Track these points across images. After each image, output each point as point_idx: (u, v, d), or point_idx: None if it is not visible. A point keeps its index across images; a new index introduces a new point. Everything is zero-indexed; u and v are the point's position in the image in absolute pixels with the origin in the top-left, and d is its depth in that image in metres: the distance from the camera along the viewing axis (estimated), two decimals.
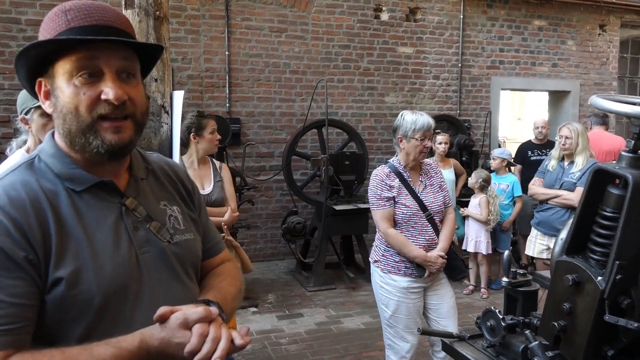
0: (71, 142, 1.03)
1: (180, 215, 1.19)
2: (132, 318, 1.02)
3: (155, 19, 2.19)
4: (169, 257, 1.11)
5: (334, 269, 5.77)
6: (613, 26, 7.92)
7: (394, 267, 2.82)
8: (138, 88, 1.06)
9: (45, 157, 1.05)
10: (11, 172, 1.03)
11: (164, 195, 1.19)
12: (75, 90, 0.99)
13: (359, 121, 6.64)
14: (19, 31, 5.27)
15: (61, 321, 0.97)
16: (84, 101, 0.98)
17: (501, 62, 7.34)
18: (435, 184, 2.91)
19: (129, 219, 1.07)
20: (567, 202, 3.91)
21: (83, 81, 0.99)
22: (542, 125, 5.87)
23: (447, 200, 2.95)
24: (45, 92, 1.04)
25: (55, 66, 1.01)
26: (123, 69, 1.02)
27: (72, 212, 1.00)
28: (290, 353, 3.88)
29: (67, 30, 0.98)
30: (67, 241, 0.98)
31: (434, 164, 3.05)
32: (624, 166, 1.21)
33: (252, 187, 5.43)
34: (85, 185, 1.03)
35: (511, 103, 11.69)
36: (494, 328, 1.52)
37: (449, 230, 2.89)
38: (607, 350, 1.23)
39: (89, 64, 0.99)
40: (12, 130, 5.18)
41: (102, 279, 0.99)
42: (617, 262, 1.14)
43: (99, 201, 1.05)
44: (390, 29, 6.73)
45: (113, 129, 1.01)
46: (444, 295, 2.90)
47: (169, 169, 1.26)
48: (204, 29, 5.94)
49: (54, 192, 1.01)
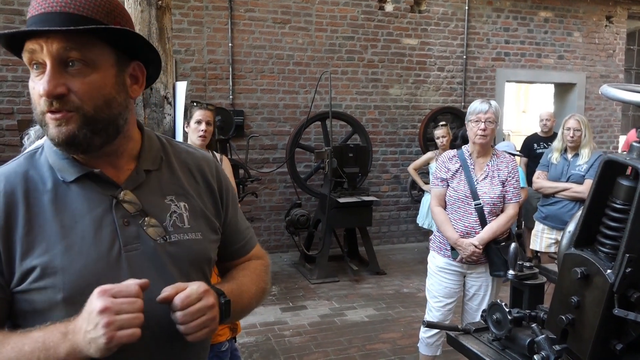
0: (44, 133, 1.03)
1: (187, 212, 1.10)
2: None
3: (157, 9, 2.17)
4: (161, 256, 1.02)
5: (338, 261, 5.77)
6: (620, 18, 7.84)
7: (437, 246, 3.04)
8: (89, 79, 0.95)
9: (46, 148, 1.04)
10: (11, 162, 1.04)
11: (173, 189, 1.11)
12: (31, 83, 0.97)
13: (363, 113, 6.61)
14: (22, 23, 5.24)
15: (33, 313, 0.96)
16: (34, 95, 0.96)
17: (506, 53, 7.28)
18: (500, 176, 2.89)
19: (119, 213, 1.01)
20: (577, 195, 3.88)
21: (36, 73, 0.95)
22: (547, 118, 5.83)
23: (512, 195, 2.90)
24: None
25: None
26: (65, 57, 0.93)
27: (53, 204, 0.98)
28: (294, 345, 3.88)
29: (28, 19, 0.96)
30: (38, 233, 0.96)
31: (512, 160, 2.98)
32: (635, 157, 1.18)
33: (256, 180, 5.42)
34: (74, 175, 1.00)
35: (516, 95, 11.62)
36: (500, 321, 1.51)
37: (497, 224, 2.86)
38: (615, 344, 1.21)
39: (34, 56, 0.94)
40: (16, 122, 5.17)
41: (70, 274, 0.94)
42: (627, 255, 1.12)
43: (87, 192, 1.00)
44: (394, 20, 6.68)
45: (54, 123, 0.95)
46: (480, 287, 2.97)
47: (192, 162, 1.17)
48: (207, 20, 5.91)
49: (39, 183, 1.00)
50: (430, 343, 3.08)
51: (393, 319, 4.39)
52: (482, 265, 2.92)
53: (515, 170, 2.93)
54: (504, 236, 2.93)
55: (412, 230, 6.89)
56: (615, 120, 8.08)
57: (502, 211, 2.91)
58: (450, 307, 3.04)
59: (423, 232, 6.63)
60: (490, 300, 2.95)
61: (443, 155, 3.07)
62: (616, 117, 8.08)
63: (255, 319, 4.28)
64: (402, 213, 6.95)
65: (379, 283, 5.31)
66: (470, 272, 2.97)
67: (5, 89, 5.28)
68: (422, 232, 6.68)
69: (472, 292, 3.00)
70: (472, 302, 3.01)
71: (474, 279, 2.98)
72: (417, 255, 6.29)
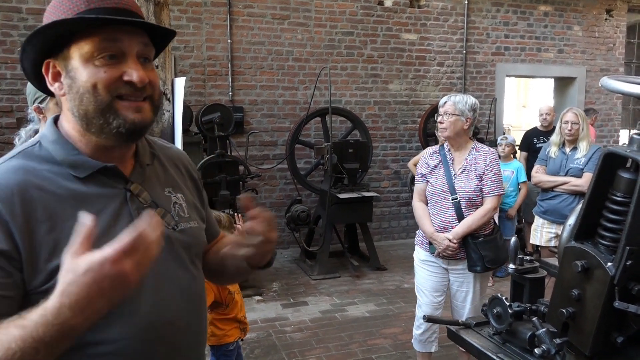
0: (87, 124, 1.00)
1: (184, 202, 1.17)
2: (136, 305, 0.99)
3: (156, 5, 2.16)
4: (174, 244, 1.09)
5: (338, 257, 5.77)
6: (620, 11, 7.81)
7: (420, 240, 3.08)
8: (154, 72, 1.07)
9: (46, 144, 1.03)
10: (9, 159, 1.01)
11: (169, 182, 1.17)
12: (95, 69, 0.97)
13: (362, 109, 6.60)
14: (20, 20, 5.23)
15: None
16: (104, 79, 0.96)
17: (506, 48, 7.26)
18: (477, 170, 2.86)
19: (134, 205, 1.04)
20: (577, 189, 3.87)
21: (104, 62, 0.97)
22: (547, 112, 5.82)
23: (489, 189, 2.85)
24: (54, 74, 1.02)
25: (71, 47, 0.98)
26: (142, 53, 1.01)
27: (72, 200, 0.98)
28: (295, 341, 3.88)
29: (88, 11, 0.96)
30: (62, 229, 0.95)
31: (491, 153, 2.91)
32: (635, 149, 1.18)
33: (256, 176, 5.42)
34: (88, 171, 1.01)
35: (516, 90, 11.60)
36: (501, 315, 1.51)
37: (472, 218, 2.84)
38: (616, 337, 1.21)
39: (112, 46, 0.97)
40: (15, 120, 5.17)
41: None
42: (627, 247, 1.12)
43: (102, 187, 1.02)
44: (394, 15, 6.66)
45: (134, 108, 1.00)
46: (462, 283, 2.94)
47: (174, 156, 1.25)
48: (206, 16, 5.89)
49: (51, 179, 0.99)
50: (423, 340, 3.06)
51: (394, 315, 4.39)
52: (463, 262, 2.89)
53: (494, 163, 2.87)
54: (485, 231, 2.89)
55: (413, 225, 6.88)
56: (616, 114, 8.06)
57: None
58: (438, 301, 3.00)
59: None
60: (475, 298, 2.94)
61: (425, 151, 3.11)
62: (616, 111, 8.06)
63: (256, 315, 4.29)
64: (403, 209, 6.95)
65: (379, 279, 5.31)
66: (452, 267, 2.94)
67: (5, 87, 5.27)
68: None
69: (455, 288, 2.96)
70: (457, 299, 2.98)
71: (456, 275, 2.94)
72: None
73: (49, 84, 1.03)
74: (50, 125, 1.06)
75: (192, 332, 1.10)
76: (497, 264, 2.88)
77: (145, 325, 1.01)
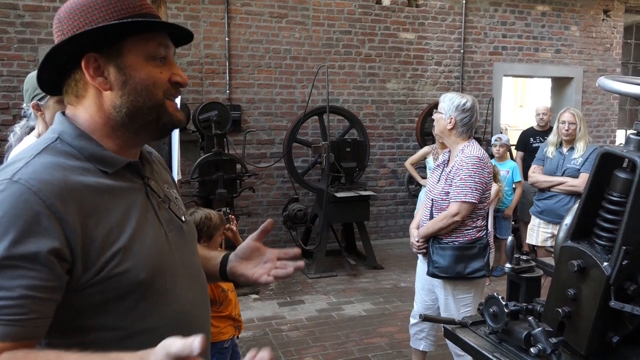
0: (132, 119, 1.04)
1: (179, 197, 1.25)
2: (172, 293, 1.07)
3: (153, 2, 2.15)
4: (186, 234, 1.17)
5: (335, 256, 5.77)
6: (617, 11, 7.83)
7: None
8: None
9: (70, 140, 1.02)
10: (36, 156, 0.97)
11: (163, 178, 1.22)
12: (156, 69, 1.05)
13: (360, 108, 6.60)
14: (17, 17, 5.21)
15: (104, 302, 0.97)
16: (161, 81, 1.05)
17: (504, 48, 7.27)
18: (450, 172, 2.75)
19: (154, 200, 1.10)
20: (573, 189, 3.88)
21: (158, 63, 1.06)
22: (543, 112, 5.83)
23: (454, 194, 2.68)
24: (94, 68, 1.02)
25: (124, 45, 1.02)
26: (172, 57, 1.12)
27: (107, 194, 1.00)
28: (292, 339, 3.88)
29: (140, 15, 1.04)
30: (106, 222, 0.97)
31: (467, 159, 2.70)
32: (632, 149, 1.18)
33: (253, 175, 5.41)
34: (117, 167, 1.04)
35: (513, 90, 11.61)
36: (497, 314, 1.51)
37: (431, 221, 2.78)
38: (612, 336, 1.21)
39: (164, 50, 1.07)
40: (12, 117, 5.15)
41: (144, 255, 1.01)
42: (623, 247, 1.12)
43: (127, 182, 1.06)
44: (391, 14, 6.66)
45: (176, 107, 1.10)
46: (435, 287, 2.88)
47: (156, 155, 1.30)
48: (204, 14, 5.88)
49: (85, 174, 0.99)
50: (412, 334, 3.06)
51: (390, 313, 4.40)
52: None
53: (463, 168, 2.68)
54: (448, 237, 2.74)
55: (409, 224, 6.89)
56: (613, 115, 8.08)
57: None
58: (429, 299, 2.93)
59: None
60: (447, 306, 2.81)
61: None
62: (613, 112, 8.08)
63: (252, 314, 4.29)
64: (400, 207, 6.95)
65: (376, 277, 5.31)
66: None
67: (1, 84, 5.24)
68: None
69: (436, 291, 2.90)
70: (438, 302, 2.91)
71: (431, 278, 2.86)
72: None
73: (89, 77, 1.02)
74: (66, 122, 1.05)
75: (204, 310, 1.20)
76: (446, 274, 2.72)
77: (178, 312, 1.07)
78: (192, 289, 1.14)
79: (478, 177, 2.67)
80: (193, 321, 1.11)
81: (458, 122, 2.76)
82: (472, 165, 2.67)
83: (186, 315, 1.09)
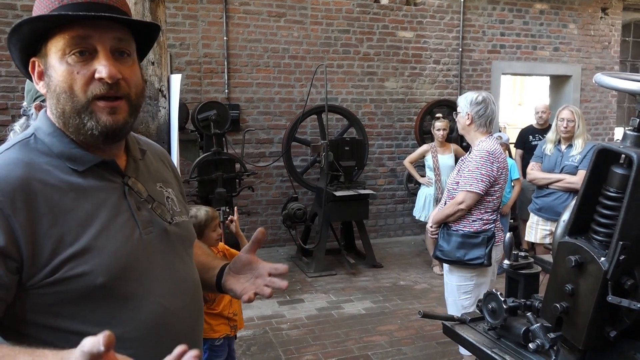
0: (65, 123, 1.00)
1: (175, 197, 1.19)
2: (143, 299, 1.01)
3: (151, 2, 2.16)
4: (172, 237, 1.11)
5: (335, 254, 5.77)
6: (615, 9, 7.83)
7: None
8: (133, 68, 1.03)
9: (42, 136, 1.01)
10: (5, 151, 0.99)
11: (159, 177, 1.18)
12: (69, 68, 0.96)
13: (358, 107, 6.60)
14: (15, 17, 5.20)
15: (59, 304, 0.94)
16: (78, 80, 0.96)
17: (502, 46, 7.28)
18: (461, 164, 2.96)
19: (132, 199, 1.05)
20: (571, 186, 3.88)
21: (76, 59, 0.96)
22: (542, 110, 5.84)
23: (461, 184, 2.86)
24: (39, 73, 1.01)
25: (48, 44, 0.98)
26: (117, 47, 0.99)
27: (72, 193, 0.97)
28: (292, 338, 3.89)
29: (61, 7, 0.95)
30: (64, 222, 0.94)
31: (477, 151, 2.86)
32: (628, 145, 1.19)
33: (252, 174, 5.42)
34: (87, 165, 1.01)
35: (512, 88, 11.62)
36: (495, 311, 1.52)
37: (443, 208, 2.96)
38: (609, 331, 1.22)
39: (82, 42, 0.96)
40: (10, 117, 5.14)
41: (105, 258, 0.96)
42: (620, 242, 1.13)
43: (101, 181, 1.02)
44: (390, 13, 6.66)
45: (108, 110, 0.98)
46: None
47: (158, 152, 1.27)
48: (202, 14, 5.88)
49: (51, 172, 0.97)
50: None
51: (390, 312, 4.40)
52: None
53: (473, 160, 2.86)
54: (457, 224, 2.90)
55: (409, 223, 6.90)
56: (611, 112, 8.09)
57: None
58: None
59: (419, 225, 6.63)
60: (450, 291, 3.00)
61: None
62: (611, 109, 8.09)
63: (252, 313, 4.29)
64: (399, 206, 6.96)
65: (375, 276, 5.32)
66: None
67: None
68: (418, 225, 6.68)
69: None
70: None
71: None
72: (413, 248, 6.31)
73: (35, 83, 1.02)
74: (45, 118, 1.04)
75: (191, 319, 1.14)
76: (447, 258, 2.91)
77: (152, 318, 1.02)
78: (176, 295, 1.08)
79: (485, 170, 2.80)
80: (175, 328, 1.06)
81: (474, 115, 2.89)
82: (481, 158, 2.81)
83: (165, 322, 1.04)
